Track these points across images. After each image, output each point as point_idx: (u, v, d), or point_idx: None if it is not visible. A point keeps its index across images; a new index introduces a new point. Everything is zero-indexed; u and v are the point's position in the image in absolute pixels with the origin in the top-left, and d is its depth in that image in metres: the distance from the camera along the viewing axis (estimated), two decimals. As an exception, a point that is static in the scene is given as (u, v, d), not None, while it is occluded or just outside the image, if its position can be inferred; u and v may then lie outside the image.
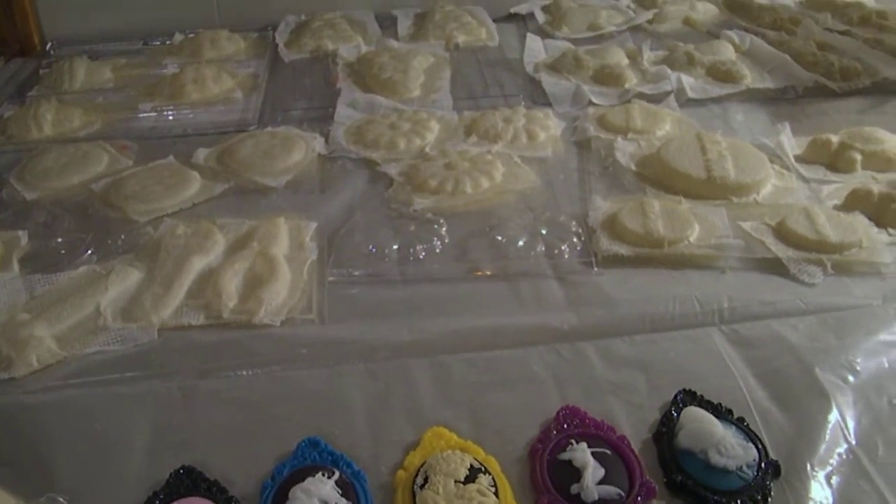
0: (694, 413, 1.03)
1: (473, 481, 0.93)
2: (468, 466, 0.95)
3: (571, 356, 1.17)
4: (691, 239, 1.38)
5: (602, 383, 1.12)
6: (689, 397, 1.08)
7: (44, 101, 1.97)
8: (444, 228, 1.44)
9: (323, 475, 0.94)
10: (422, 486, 0.93)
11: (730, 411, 1.06)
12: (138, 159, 1.72)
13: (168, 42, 2.41)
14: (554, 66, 2.14)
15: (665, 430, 1.03)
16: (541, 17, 2.52)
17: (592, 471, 0.95)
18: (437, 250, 1.40)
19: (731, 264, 1.35)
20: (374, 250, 1.39)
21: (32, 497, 0.95)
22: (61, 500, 0.96)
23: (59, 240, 1.45)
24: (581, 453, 0.97)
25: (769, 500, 0.95)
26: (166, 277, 1.31)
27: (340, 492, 0.93)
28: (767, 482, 0.96)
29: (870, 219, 1.45)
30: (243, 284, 1.31)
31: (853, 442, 1.02)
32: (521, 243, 1.40)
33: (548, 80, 2.05)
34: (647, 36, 2.37)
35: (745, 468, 0.96)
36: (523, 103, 1.94)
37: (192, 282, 1.32)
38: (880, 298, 1.27)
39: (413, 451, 1.01)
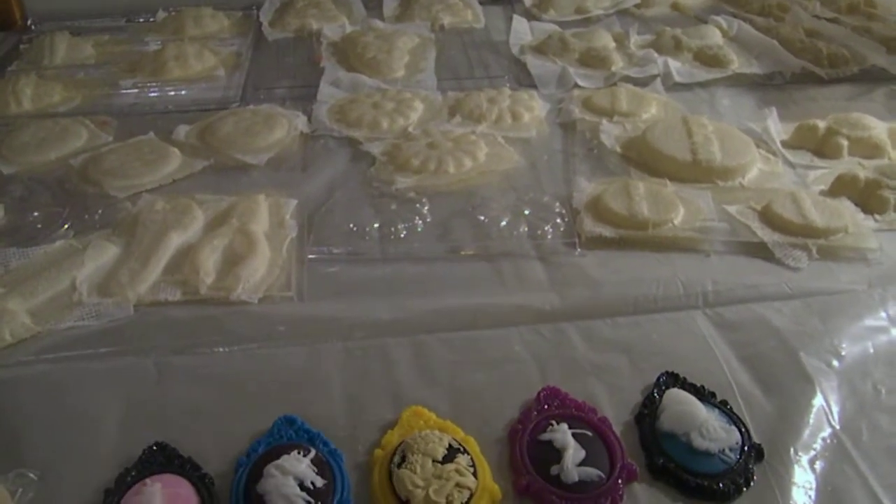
0: (676, 395, 1.02)
1: (452, 461, 0.92)
2: (446, 446, 0.93)
3: (553, 337, 1.16)
4: (676, 222, 1.37)
5: (584, 364, 1.11)
6: (671, 379, 1.07)
7: (23, 75, 1.95)
8: (425, 208, 1.43)
9: (298, 453, 0.93)
10: (399, 465, 0.91)
11: (713, 394, 1.05)
12: (118, 135, 1.71)
13: (151, 19, 2.39)
14: (540, 49, 2.12)
15: (647, 412, 1.02)
16: (527, 0, 2.50)
17: (573, 452, 0.94)
18: (419, 229, 1.38)
19: (715, 248, 1.34)
20: (354, 228, 1.38)
21: (1, 472, 0.94)
22: (31, 475, 0.95)
23: (36, 214, 1.44)
24: (561, 434, 0.96)
25: (752, 483, 0.94)
26: (143, 253, 1.30)
27: (316, 470, 0.92)
28: (750, 466, 0.95)
29: (856, 204, 1.44)
30: (222, 261, 1.29)
31: (837, 426, 1.02)
32: (503, 223, 1.39)
33: (533, 62, 2.03)
34: (634, 20, 2.37)
35: (727, 451, 0.95)
36: (508, 85, 1.93)
37: (169, 258, 1.31)
38: (865, 284, 1.27)
39: (391, 430, 1.00)
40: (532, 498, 0.93)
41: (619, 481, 0.93)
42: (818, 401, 1.05)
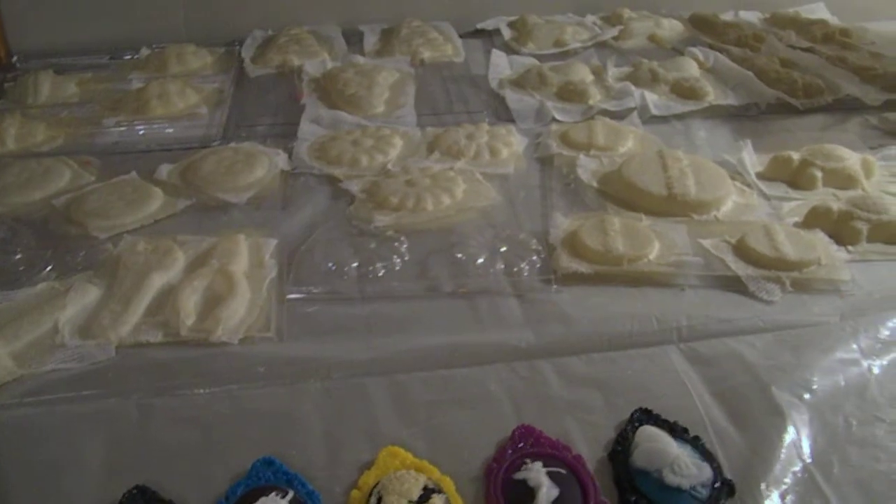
0: (649, 432, 1.03)
1: (427, 501, 0.93)
2: (422, 486, 0.95)
3: (528, 374, 1.17)
4: (651, 256, 1.38)
5: (558, 402, 1.12)
6: (645, 416, 1.08)
7: (7, 115, 1.96)
8: (404, 246, 1.44)
9: (276, 495, 0.94)
10: (375, 506, 0.92)
11: (685, 430, 1.06)
12: (101, 175, 1.72)
13: (135, 56, 2.41)
14: (518, 83, 2.15)
15: (620, 448, 1.03)
16: (507, 33, 2.53)
17: (546, 490, 0.95)
18: (397, 268, 1.39)
19: (690, 282, 1.35)
20: (333, 268, 1.39)
21: (-17, 516, 0.95)
22: (15, 519, 0.95)
23: (19, 256, 1.45)
24: (535, 473, 0.97)
25: (723, 519, 0.95)
26: (125, 294, 1.30)
27: (294, 512, 0.93)
28: (721, 501, 0.96)
29: (829, 236, 1.46)
30: (202, 302, 1.30)
31: (808, 460, 1.03)
32: (480, 261, 1.40)
33: (512, 97, 2.06)
34: (612, 52, 2.40)
35: (699, 487, 0.96)
36: (487, 119, 1.95)
37: (151, 299, 1.31)
38: (838, 315, 1.28)
39: (368, 470, 1.00)
40: (506, 537, 0.94)
41: (593, 519, 0.94)
42: (790, 435, 1.06)
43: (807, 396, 1.13)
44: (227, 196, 1.61)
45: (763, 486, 0.99)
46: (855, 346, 1.22)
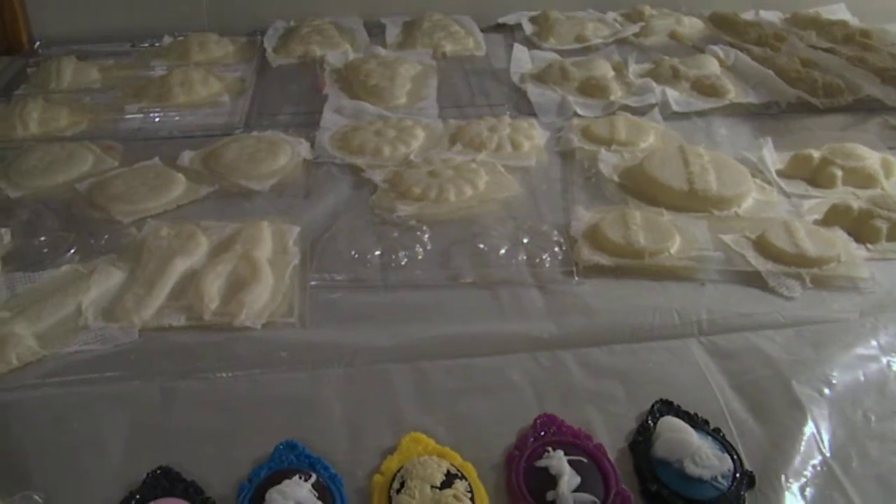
0: (670, 423, 1.04)
1: (450, 486, 0.93)
2: (445, 472, 0.95)
3: (550, 364, 1.17)
4: (672, 251, 1.39)
5: (580, 392, 1.13)
6: (666, 407, 1.09)
7: (30, 99, 1.97)
8: (426, 236, 1.45)
9: (300, 478, 0.94)
10: (398, 491, 0.93)
11: (706, 422, 1.06)
12: (124, 160, 1.73)
13: (157, 44, 2.42)
14: (540, 77, 2.15)
15: (641, 439, 1.03)
16: (528, 28, 2.53)
17: (568, 478, 0.95)
18: (419, 257, 1.40)
19: (710, 276, 1.36)
20: (356, 256, 1.39)
21: (8, 494, 0.95)
22: (37, 497, 0.96)
23: (42, 238, 1.45)
24: (557, 461, 0.97)
25: (743, 510, 0.95)
26: (149, 278, 1.31)
27: (317, 495, 0.93)
28: (742, 493, 0.96)
29: (849, 234, 1.46)
30: (225, 287, 1.31)
31: (827, 454, 1.03)
32: (502, 252, 1.41)
33: (533, 91, 2.06)
34: (633, 49, 2.40)
35: (719, 478, 0.96)
36: (508, 113, 1.95)
37: (174, 283, 1.32)
38: (857, 312, 1.28)
39: (391, 455, 1.01)
40: (528, 523, 0.94)
41: (614, 507, 0.94)
42: (809, 428, 1.06)
43: (826, 391, 1.13)
44: (250, 183, 1.61)
45: (783, 478, 0.99)
46: (874, 343, 1.22)
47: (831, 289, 1.34)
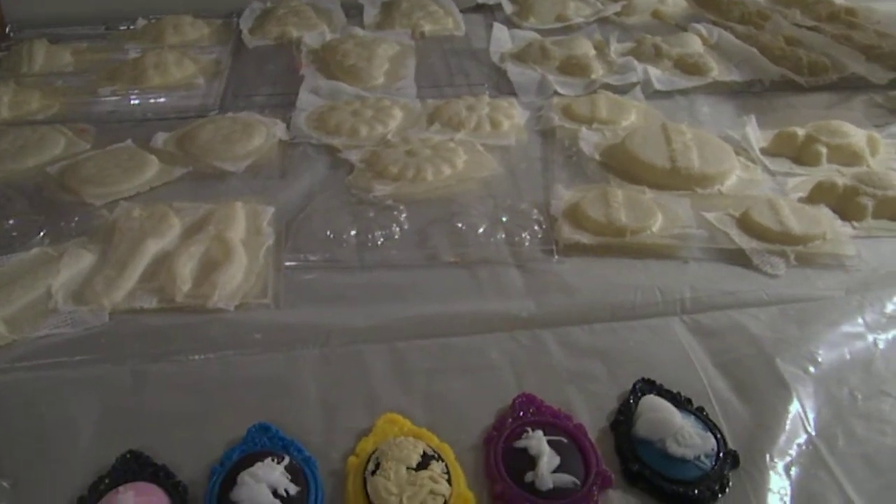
0: (652, 402, 1.02)
1: (426, 468, 0.92)
2: (421, 453, 0.93)
3: (530, 344, 1.16)
4: (654, 229, 1.37)
5: (560, 371, 1.11)
6: (648, 386, 1.07)
7: (1, 83, 1.95)
8: (403, 215, 1.43)
9: (272, 460, 0.93)
10: (373, 472, 0.91)
11: (689, 401, 1.05)
12: (96, 143, 1.71)
13: (131, 27, 2.39)
14: (520, 56, 2.13)
15: (623, 418, 1.02)
16: (508, 8, 2.50)
17: (547, 459, 0.94)
18: (396, 237, 1.38)
19: (693, 255, 1.34)
20: (331, 236, 1.38)
21: (-26, 480, 0.94)
22: (4, 484, 0.95)
23: (11, 222, 1.43)
24: (536, 441, 0.96)
25: (727, 489, 0.94)
26: (120, 260, 1.29)
27: (290, 477, 0.92)
28: (725, 472, 0.95)
29: (834, 211, 1.45)
30: (198, 268, 1.29)
31: (813, 432, 1.02)
32: (481, 230, 1.39)
33: (513, 70, 2.04)
34: (615, 28, 2.39)
35: (703, 458, 0.95)
36: (488, 92, 1.93)
37: (146, 265, 1.30)
38: (843, 290, 1.27)
39: (366, 437, 0.99)
40: (506, 505, 0.92)
41: (594, 488, 0.92)
42: (794, 407, 1.05)
43: (812, 369, 1.11)
44: (225, 164, 1.59)
45: (768, 457, 0.98)
46: (860, 321, 1.21)
47: (816, 266, 1.32)
